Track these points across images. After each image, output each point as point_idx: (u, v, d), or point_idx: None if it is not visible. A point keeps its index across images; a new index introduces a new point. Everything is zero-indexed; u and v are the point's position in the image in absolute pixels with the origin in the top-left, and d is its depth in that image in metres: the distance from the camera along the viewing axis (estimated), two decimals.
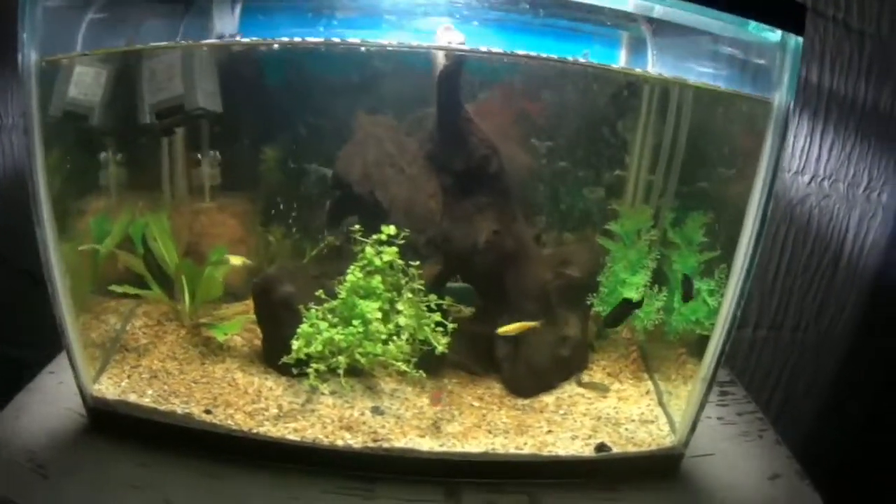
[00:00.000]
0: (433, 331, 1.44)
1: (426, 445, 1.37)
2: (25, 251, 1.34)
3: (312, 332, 1.41)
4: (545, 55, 1.37)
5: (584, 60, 1.48)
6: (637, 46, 1.69)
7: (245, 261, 1.55)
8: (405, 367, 1.41)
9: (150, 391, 1.44)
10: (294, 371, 1.44)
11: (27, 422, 1.38)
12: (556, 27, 1.58)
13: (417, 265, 1.42)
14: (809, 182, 2.06)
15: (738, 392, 1.77)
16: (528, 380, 1.55)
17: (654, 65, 1.65)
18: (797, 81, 1.23)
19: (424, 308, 1.44)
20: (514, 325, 1.45)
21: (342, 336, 1.40)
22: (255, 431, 1.36)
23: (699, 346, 1.41)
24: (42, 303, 1.31)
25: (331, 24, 1.49)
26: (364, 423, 1.42)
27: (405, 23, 1.46)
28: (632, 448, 1.43)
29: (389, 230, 1.43)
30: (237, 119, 1.62)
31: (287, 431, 1.37)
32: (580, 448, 1.40)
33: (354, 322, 1.42)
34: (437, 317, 1.45)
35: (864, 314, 2.12)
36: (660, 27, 1.62)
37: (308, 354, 1.42)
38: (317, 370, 1.42)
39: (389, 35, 1.43)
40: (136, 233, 1.61)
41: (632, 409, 1.55)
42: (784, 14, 1.19)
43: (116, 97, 1.53)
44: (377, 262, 1.43)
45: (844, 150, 2.04)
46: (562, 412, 1.52)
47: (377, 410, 1.45)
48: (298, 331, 1.42)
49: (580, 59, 1.46)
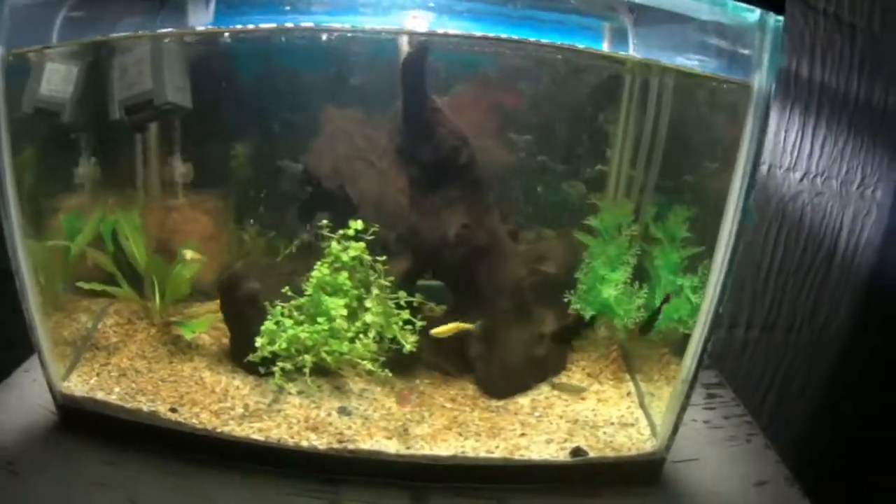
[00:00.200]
0: (401, 329, 1.39)
1: (393, 448, 1.33)
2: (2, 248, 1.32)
3: (276, 330, 1.38)
4: (510, 37, 1.34)
5: (558, 44, 1.43)
6: (619, 37, 1.65)
7: (199, 256, 1.52)
8: (371, 366, 1.36)
9: (118, 389, 1.42)
10: (261, 370, 1.41)
11: None
12: (536, 19, 1.55)
13: (384, 260, 1.39)
14: (801, 179, 2.01)
15: (727, 394, 1.71)
16: (502, 380, 1.51)
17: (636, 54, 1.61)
18: (777, 63, 1.18)
19: (393, 305, 1.40)
20: (449, 326, 1.39)
21: (307, 334, 1.37)
22: (220, 431, 1.34)
23: (683, 346, 1.36)
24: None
25: (305, 20, 1.47)
26: (330, 424, 1.38)
27: (380, 16, 1.44)
28: (610, 452, 1.38)
29: (357, 225, 1.39)
30: (209, 114, 1.59)
31: (252, 431, 1.34)
32: (555, 452, 1.35)
33: (319, 319, 1.38)
34: (406, 314, 1.40)
35: (859, 313, 2.07)
36: (641, 17, 1.58)
37: (274, 353, 1.38)
38: (283, 369, 1.38)
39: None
40: (106, 230, 1.59)
41: (611, 412, 1.50)
42: None
43: (88, 93, 1.52)
44: (344, 258, 1.40)
45: (837, 146, 1.99)
46: (537, 414, 1.47)
47: (344, 411, 1.41)
48: (262, 328, 1.38)
49: (549, 42, 1.42)
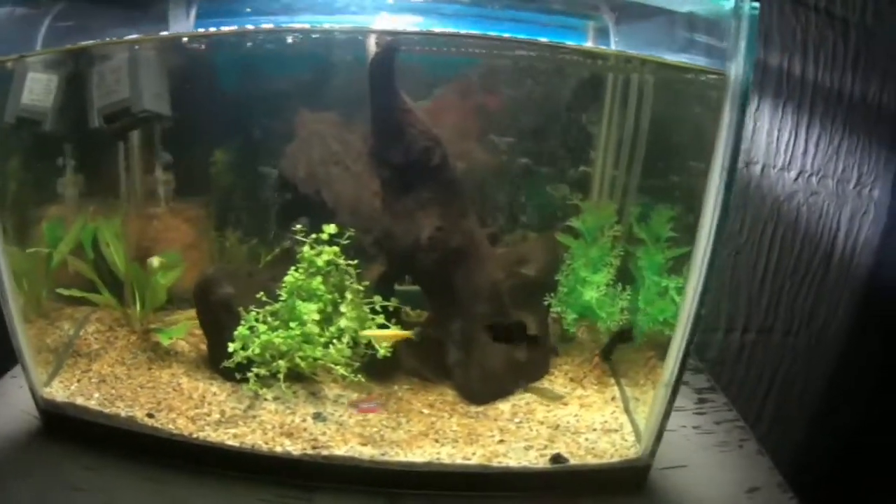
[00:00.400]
0: None
1: (367, 454, 1.30)
2: None
3: (250, 335, 1.36)
4: (483, 34, 1.32)
5: (541, 40, 1.42)
6: (601, 36, 1.63)
7: (162, 262, 1.52)
8: (344, 372, 1.34)
9: (98, 395, 1.43)
10: (237, 376, 1.40)
11: None
12: (519, 20, 1.54)
13: (355, 264, 1.37)
14: (796, 178, 1.96)
15: (718, 399, 1.67)
16: (482, 386, 1.48)
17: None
18: (754, 53, 1.15)
19: (368, 310, 1.38)
20: (387, 333, 1.37)
21: (281, 339, 1.35)
22: (196, 436, 1.33)
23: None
24: None
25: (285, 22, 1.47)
26: (305, 430, 1.36)
27: (361, 17, 1.44)
28: (591, 459, 1.34)
29: (330, 229, 1.38)
30: (188, 121, 1.60)
31: (227, 437, 1.33)
32: (534, 459, 1.32)
33: (293, 324, 1.37)
34: (381, 319, 1.38)
35: (858, 315, 2.00)
36: (622, 15, 1.57)
37: (249, 358, 1.37)
38: (257, 374, 1.37)
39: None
40: (87, 238, 1.59)
41: (594, 417, 1.46)
42: None
43: (69, 102, 1.53)
44: (318, 263, 1.38)
45: (832, 145, 1.95)
46: (517, 420, 1.43)
47: (319, 417, 1.39)
48: (235, 333, 1.37)
49: (532, 39, 1.40)
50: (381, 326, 1.39)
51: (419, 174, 1.36)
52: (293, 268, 1.41)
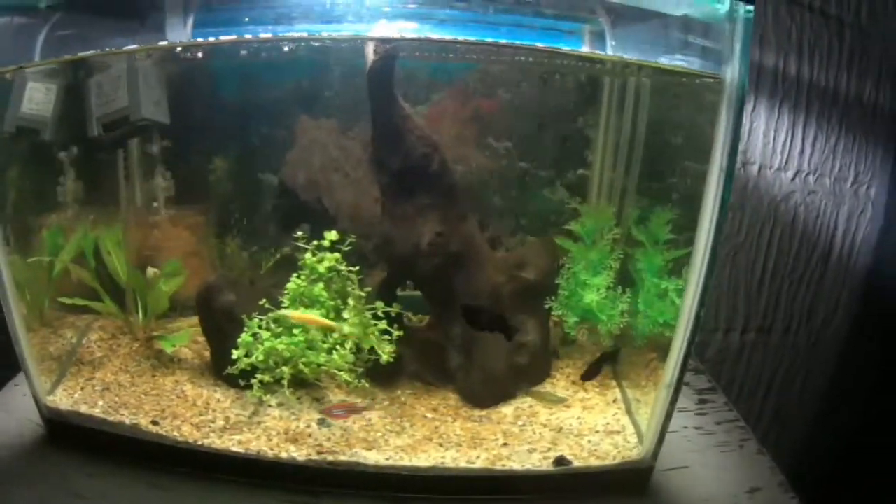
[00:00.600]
0: (379, 339, 1.38)
1: (372, 459, 1.31)
2: None
3: (253, 342, 1.37)
4: (482, 40, 1.33)
5: (537, 46, 1.43)
6: (598, 40, 1.64)
7: (156, 272, 1.53)
8: (348, 377, 1.35)
9: (101, 402, 1.43)
10: (241, 383, 1.41)
11: None
12: (515, 25, 1.54)
13: (357, 270, 1.38)
14: (793, 178, 1.98)
15: (719, 400, 1.67)
16: (484, 389, 1.48)
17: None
18: (749, 55, 1.16)
19: (370, 316, 1.39)
20: (303, 315, 1.36)
21: (284, 346, 1.36)
22: (200, 443, 1.34)
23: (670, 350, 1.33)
24: None
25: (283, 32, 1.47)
26: (310, 436, 1.37)
27: (359, 25, 1.44)
28: (594, 461, 1.35)
29: (332, 236, 1.39)
30: (187, 130, 1.60)
31: (231, 444, 1.34)
32: (538, 462, 1.33)
33: (295, 331, 1.37)
34: (384, 325, 1.39)
35: (856, 313, 2.02)
36: (618, 18, 1.57)
37: (253, 365, 1.38)
38: (261, 381, 1.38)
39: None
40: (88, 246, 1.60)
41: (597, 420, 1.47)
42: None
43: (67, 111, 1.54)
44: (320, 269, 1.39)
45: (829, 143, 1.96)
46: (520, 423, 1.44)
47: (324, 422, 1.40)
48: (239, 340, 1.38)
49: (528, 45, 1.41)
50: (384, 332, 1.40)
51: (419, 180, 1.36)
52: (295, 275, 1.41)
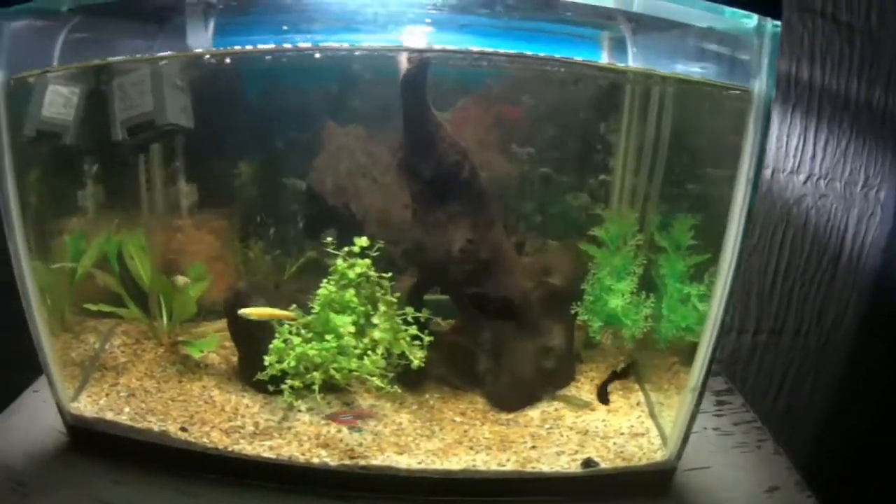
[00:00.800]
0: (409, 344, 1.39)
1: (404, 463, 1.32)
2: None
3: (285, 348, 1.38)
4: (509, 52, 1.34)
5: (559, 57, 1.44)
6: (618, 47, 1.65)
7: (187, 281, 1.53)
8: (379, 383, 1.36)
9: (128, 409, 1.43)
10: (270, 388, 1.41)
11: (9, 440, 1.38)
12: (536, 31, 1.55)
13: (389, 276, 1.39)
14: (805, 182, 2.01)
15: (736, 401, 1.71)
16: (512, 393, 1.50)
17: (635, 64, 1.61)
18: (776, 69, 1.18)
19: (400, 321, 1.40)
20: (264, 311, 1.39)
21: (316, 351, 1.37)
22: (231, 449, 1.34)
23: (692, 355, 1.36)
24: None
25: (305, 39, 1.47)
26: (341, 441, 1.38)
27: (380, 33, 1.44)
28: (621, 463, 1.37)
29: (362, 242, 1.40)
30: (212, 134, 1.60)
31: (262, 449, 1.34)
32: (566, 464, 1.35)
33: (328, 337, 1.38)
34: (414, 330, 1.40)
35: (866, 315, 2.05)
36: (639, 26, 1.59)
37: (283, 370, 1.38)
38: (292, 386, 1.38)
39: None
40: (111, 251, 1.59)
41: (621, 422, 1.49)
42: None
43: (90, 115, 1.53)
44: (350, 275, 1.40)
45: (839, 148, 1.99)
46: (547, 426, 1.46)
47: (354, 427, 1.41)
48: (270, 346, 1.38)
49: (553, 57, 1.42)
50: (414, 338, 1.41)
51: (450, 187, 1.38)
52: (325, 280, 1.42)
